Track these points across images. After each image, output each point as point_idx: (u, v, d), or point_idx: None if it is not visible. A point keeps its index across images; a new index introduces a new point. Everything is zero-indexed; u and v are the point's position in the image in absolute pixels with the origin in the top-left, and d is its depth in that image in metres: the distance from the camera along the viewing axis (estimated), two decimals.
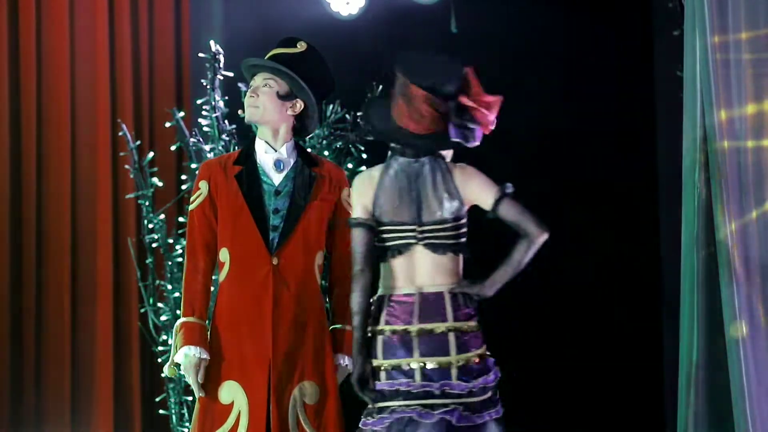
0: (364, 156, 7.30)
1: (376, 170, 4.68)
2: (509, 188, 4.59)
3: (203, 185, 4.95)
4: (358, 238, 4.61)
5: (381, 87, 7.26)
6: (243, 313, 4.83)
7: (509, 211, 4.55)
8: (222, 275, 4.89)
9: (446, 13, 8.14)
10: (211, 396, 4.82)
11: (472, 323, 4.56)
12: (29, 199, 7.60)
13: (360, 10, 8.18)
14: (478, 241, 4.70)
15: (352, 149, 7.28)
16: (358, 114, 7.29)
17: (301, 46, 5.01)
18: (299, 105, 4.99)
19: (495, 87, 5.06)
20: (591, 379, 7.92)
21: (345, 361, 4.94)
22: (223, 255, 4.88)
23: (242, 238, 4.86)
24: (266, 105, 4.95)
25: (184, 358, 4.80)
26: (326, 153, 7.14)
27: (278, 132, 4.98)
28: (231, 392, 4.80)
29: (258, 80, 4.98)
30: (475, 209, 4.65)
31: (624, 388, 7.94)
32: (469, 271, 4.64)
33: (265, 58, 5.00)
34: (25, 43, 7.66)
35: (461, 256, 4.65)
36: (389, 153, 4.68)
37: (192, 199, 4.96)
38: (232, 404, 4.79)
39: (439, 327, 4.54)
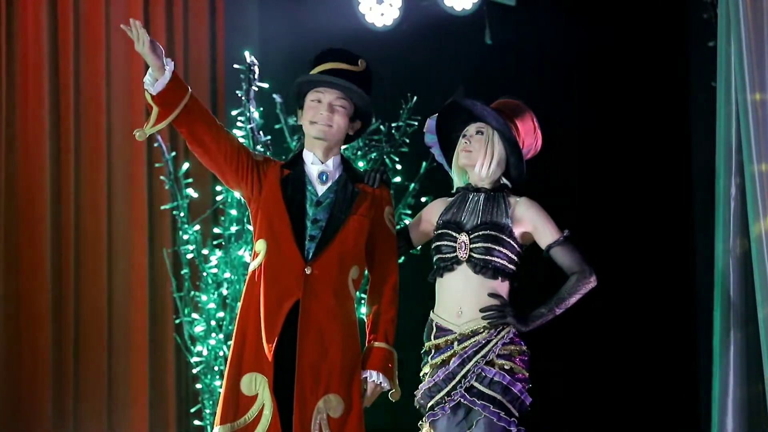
0: (398, 167, 7.31)
1: None
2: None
3: (265, 159, 4.98)
4: None
5: (415, 98, 7.27)
6: (266, 313, 4.79)
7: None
8: (254, 264, 4.85)
9: (481, 24, 8.14)
10: (234, 385, 4.80)
11: None
12: (67, 210, 7.62)
13: (394, 22, 8.19)
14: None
15: (387, 160, 7.28)
16: (393, 125, 7.30)
17: (362, 65, 4.93)
18: (357, 125, 4.98)
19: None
20: (624, 380, 7.91)
21: (372, 377, 4.89)
22: (260, 245, 4.85)
23: (279, 242, 4.83)
24: (340, 125, 4.89)
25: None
26: (361, 164, 7.15)
27: (331, 149, 4.96)
28: (254, 383, 4.77)
29: (330, 97, 4.90)
30: None
31: (658, 390, 7.92)
32: None
33: (323, 70, 4.89)
34: (63, 57, 7.69)
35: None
36: None
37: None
38: (255, 396, 4.77)
39: None
